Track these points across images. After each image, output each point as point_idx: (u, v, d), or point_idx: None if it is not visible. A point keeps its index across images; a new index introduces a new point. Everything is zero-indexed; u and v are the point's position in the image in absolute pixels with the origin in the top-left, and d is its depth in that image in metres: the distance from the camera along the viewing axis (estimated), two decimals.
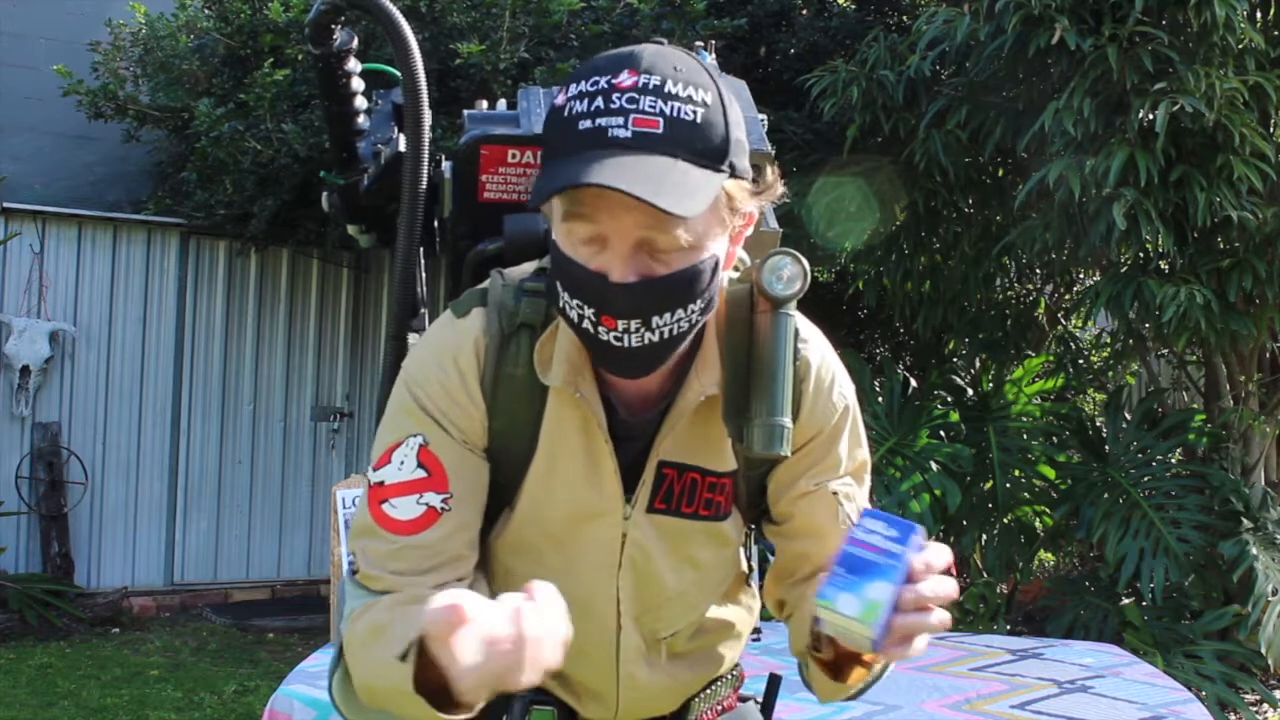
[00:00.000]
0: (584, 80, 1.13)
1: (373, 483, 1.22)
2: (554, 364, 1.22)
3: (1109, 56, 4.23)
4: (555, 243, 1.15)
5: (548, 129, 1.16)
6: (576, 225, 1.12)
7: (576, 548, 1.27)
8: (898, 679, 2.61)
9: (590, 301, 1.13)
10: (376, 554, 1.20)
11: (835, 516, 1.33)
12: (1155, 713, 2.37)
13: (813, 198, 5.47)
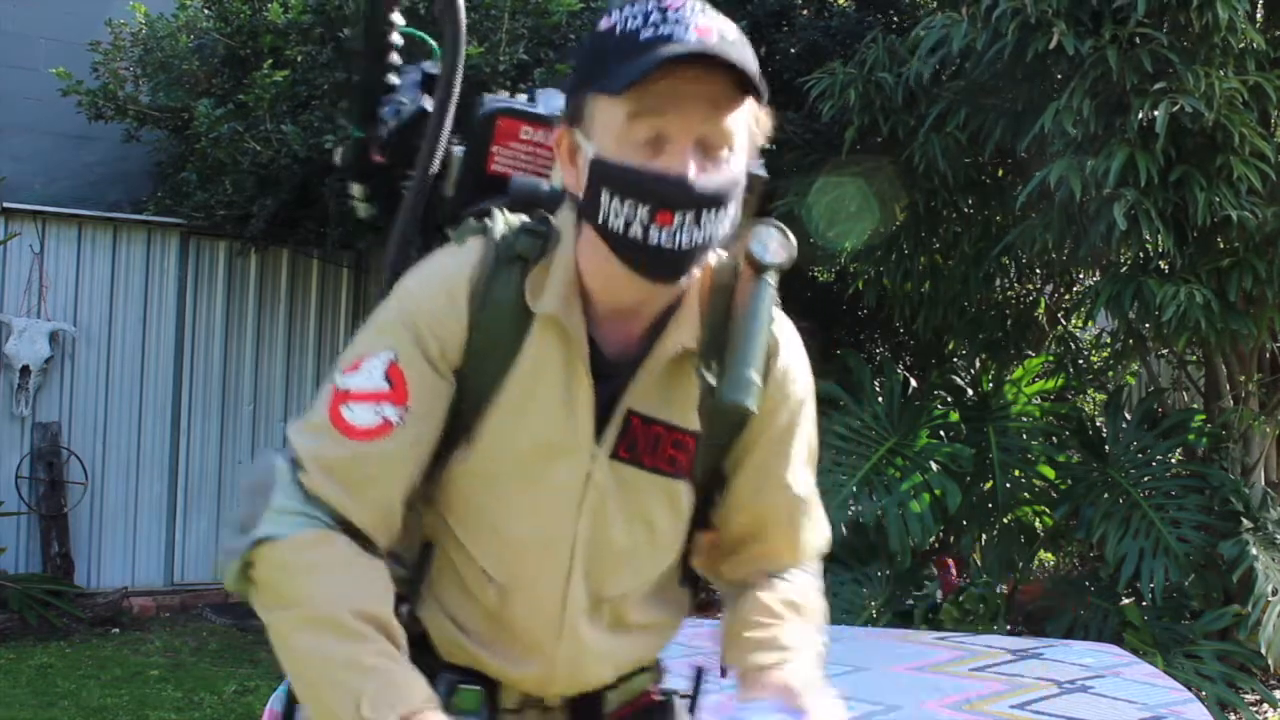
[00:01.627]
0: (632, 6, 1.18)
1: (338, 387, 1.25)
2: (547, 293, 1.25)
3: (1109, 58, 4.24)
4: (600, 159, 1.19)
5: (596, 49, 1.20)
6: (639, 125, 1.17)
7: (541, 483, 1.28)
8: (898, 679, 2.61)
9: (648, 199, 1.17)
10: (326, 460, 1.23)
11: (787, 510, 1.40)
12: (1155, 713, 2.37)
13: (813, 198, 5.47)
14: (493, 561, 1.29)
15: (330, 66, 5.71)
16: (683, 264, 1.22)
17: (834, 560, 5.21)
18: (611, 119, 1.18)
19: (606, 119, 1.19)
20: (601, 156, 1.19)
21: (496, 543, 1.29)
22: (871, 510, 5.31)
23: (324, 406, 1.25)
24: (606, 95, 1.17)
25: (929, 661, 2.80)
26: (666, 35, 1.14)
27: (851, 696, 2.42)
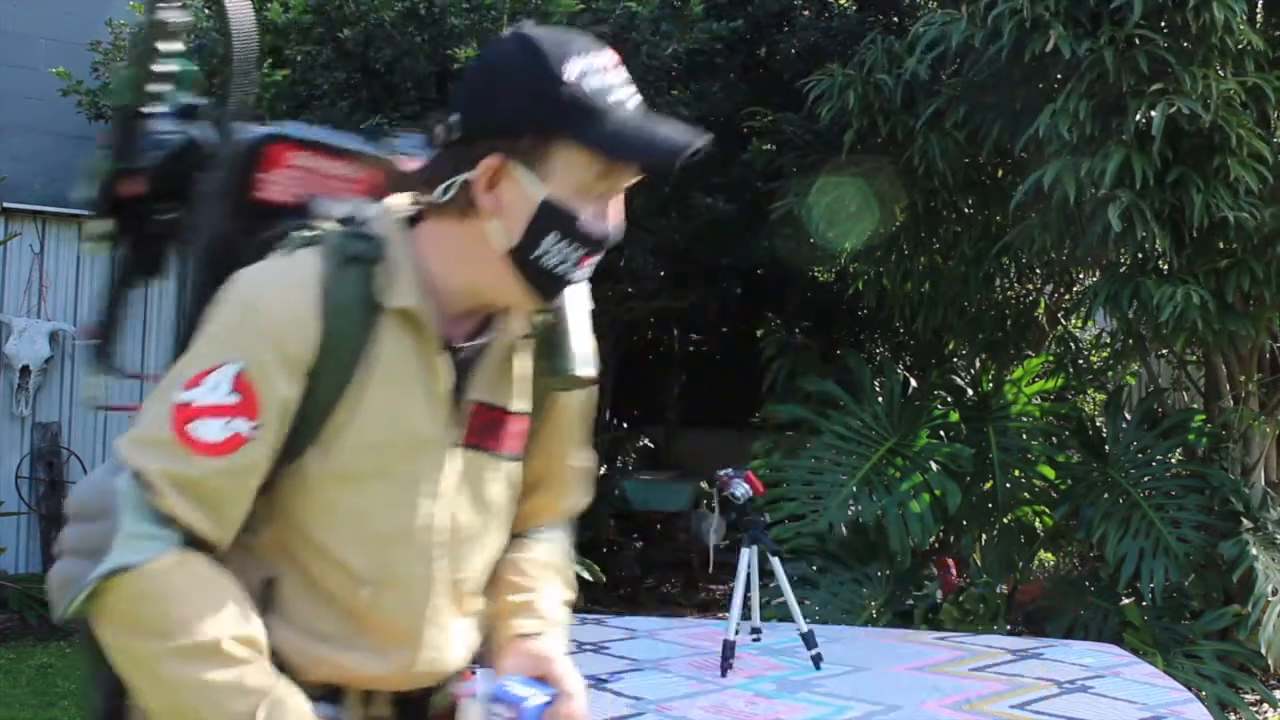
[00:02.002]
0: (568, 56, 1.28)
1: (179, 403, 1.21)
2: (400, 290, 1.28)
3: (1105, 59, 4.24)
4: (554, 204, 1.25)
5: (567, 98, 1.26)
6: (603, 183, 1.28)
7: (405, 476, 1.30)
8: (898, 679, 2.61)
9: (585, 245, 1.27)
10: (177, 478, 1.19)
11: (568, 477, 1.52)
12: (1155, 713, 2.37)
13: (812, 198, 5.48)
14: (363, 560, 1.28)
15: (330, 66, 5.71)
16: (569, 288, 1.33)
17: (834, 560, 5.22)
18: (582, 172, 1.25)
19: (575, 170, 1.25)
20: (555, 202, 1.25)
21: (365, 541, 1.28)
22: (871, 510, 5.31)
23: (166, 423, 1.21)
24: (591, 151, 1.25)
25: (929, 661, 2.80)
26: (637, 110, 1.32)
27: (851, 696, 2.43)
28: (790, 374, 6.31)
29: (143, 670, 1.17)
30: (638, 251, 6.27)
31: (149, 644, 1.16)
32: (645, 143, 1.29)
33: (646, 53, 5.83)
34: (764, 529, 2.83)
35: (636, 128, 1.30)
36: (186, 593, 1.17)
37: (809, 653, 2.70)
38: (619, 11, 5.98)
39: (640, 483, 8.31)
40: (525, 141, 1.25)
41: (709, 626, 3.19)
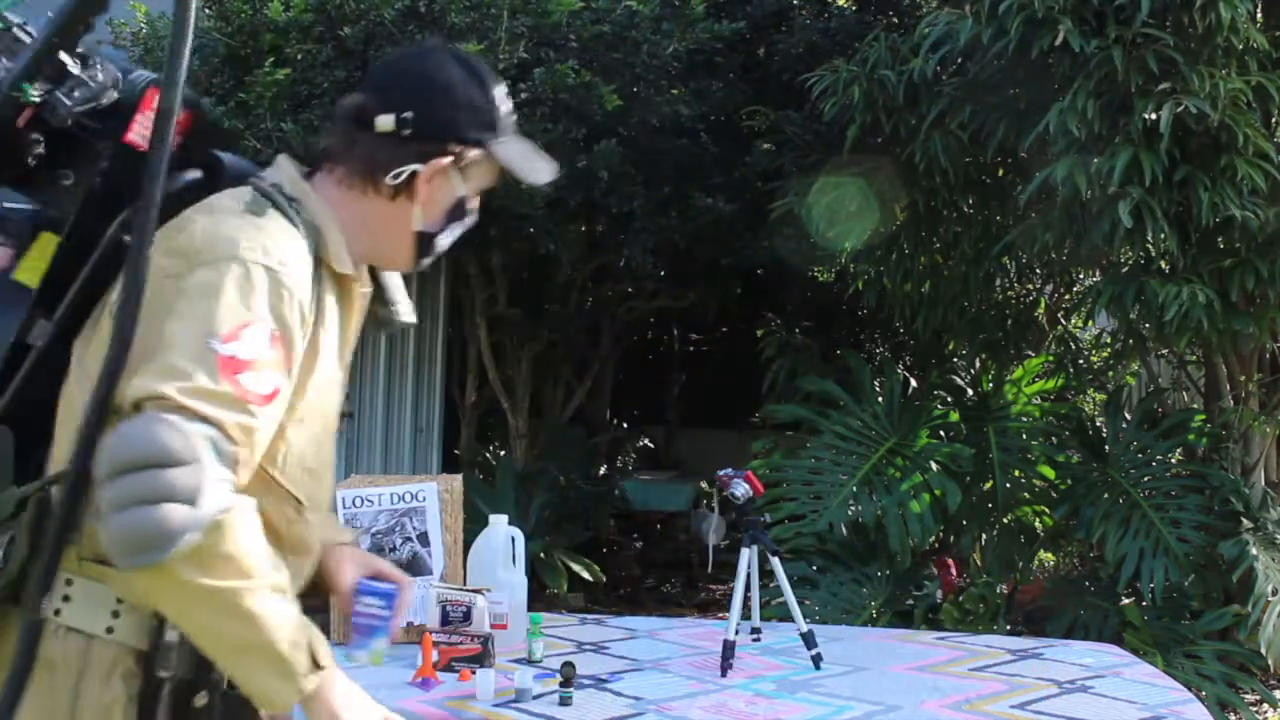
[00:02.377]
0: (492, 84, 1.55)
1: (223, 354, 1.27)
2: (341, 257, 1.47)
3: (1113, 58, 4.24)
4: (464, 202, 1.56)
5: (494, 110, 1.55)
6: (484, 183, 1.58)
7: (329, 413, 1.52)
8: (898, 678, 2.60)
9: (458, 221, 1.58)
10: (246, 428, 1.29)
11: None
12: (1155, 713, 2.37)
13: (813, 198, 5.47)
14: (303, 492, 1.48)
15: (330, 65, 5.71)
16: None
17: (834, 560, 5.22)
18: (484, 177, 1.58)
19: (485, 177, 1.58)
20: (464, 199, 1.57)
21: (304, 474, 1.47)
22: (871, 510, 5.31)
23: (220, 375, 1.27)
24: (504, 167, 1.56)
25: (929, 661, 2.80)
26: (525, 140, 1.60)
27: (851, 696, 2.42)
28: (790, 374, 6.31)
29: (221, 606, 1.26)
30: (638, 251, 6.27)
31: (234, 582, 1.26)
32: (536, 168, 1.58)
33: (647, 51, 5.84)
34: (764, 529, 2.82)
35: (530, 153, 1.59)
36: (256, 536, 1.29)
37: (809, 653, 2.69)
38: (619, 10, 5.98)
39: (640, 483, 8.31)
40: (466, 152, 1.52)
41: (709, 626, 3.18)
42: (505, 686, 2.38)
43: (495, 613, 2.70)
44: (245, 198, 1.41)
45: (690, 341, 10.35)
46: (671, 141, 6.19)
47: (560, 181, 5.53)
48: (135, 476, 1.20)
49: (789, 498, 5.38)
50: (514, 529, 2.87)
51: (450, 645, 2.52)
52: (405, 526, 2.80)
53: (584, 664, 2.58)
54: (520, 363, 7.52)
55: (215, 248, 1.33)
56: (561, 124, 5.64)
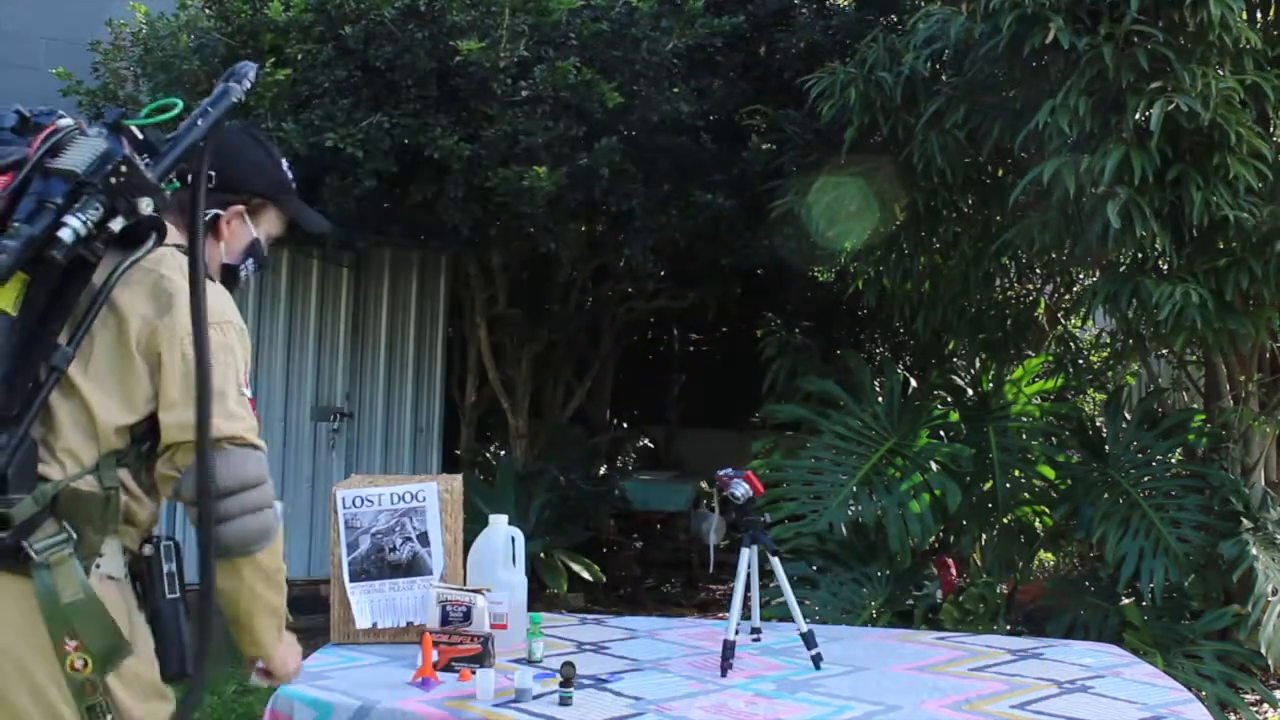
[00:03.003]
0: (278, 155, 2.12)
1: (249, 398, 1.85)
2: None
3: (1104, 55, 4.23)
4: (257, 242, 2.08)
5: (281, 181, 2.11)
6: (273, 229, 2.12)
7: None
8: (898, 678, 2.60)
9: (258, 264, 2.09)
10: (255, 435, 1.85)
11: None
12: (1155, 713, 2.37)
13: (812, 197, 5.48)
14: None
15: (331, 64, 5.71)
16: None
17: (834, 560, 5.22)
18: (275, 225, 2.12)
19: (274, 224, 2.11)
20: (258, 240, 2.08)
21: None
22: (871, 510, 5.31)
23: (250, 412, 1.85)
24: (290, 218, 2.13)
25: (929, 661, 2.80)
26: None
27: (851, 696, 2.42)
28: (790, 374, 6.31)
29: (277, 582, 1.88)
30: (638, 250, 6.27)
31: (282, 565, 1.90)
32: (313, 219, 2.18)
33: (647, 48, 5.84)
34: (764, 529, 2.82)
35: (305, 207, 2.16)
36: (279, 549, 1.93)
37: (809, 653, 2.69)
38: (619, 8, 5.98)
39: (640, 483, 8.32)
40: (255, 201, 2.06)
41: (709, 626, 3.18)
42: (505, 686, 2.38)
43: (495, 613, 2.70)
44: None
45: (690, 341, 10.35)
46: (671, 139, 6.19)
47: (560, 180, 5.58)
48: (243, 495, 1.78)
49: (789, 498, 5.39)
50: (514, 529, 2.87)
51: (450, 645, 2.52)
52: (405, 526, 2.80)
53: (584, 664, 2.58)
54: (520, 363, 7.52)
55: (213, 311, 1.79)
56: (562, 122, 5.64)
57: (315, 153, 5.60)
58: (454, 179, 5.73)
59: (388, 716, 2.26)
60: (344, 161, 5.63)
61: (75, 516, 1.72)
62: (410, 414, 7.42)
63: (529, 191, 5.57)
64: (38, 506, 1.69)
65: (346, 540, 2.77)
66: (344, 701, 2.30)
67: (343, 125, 5.56)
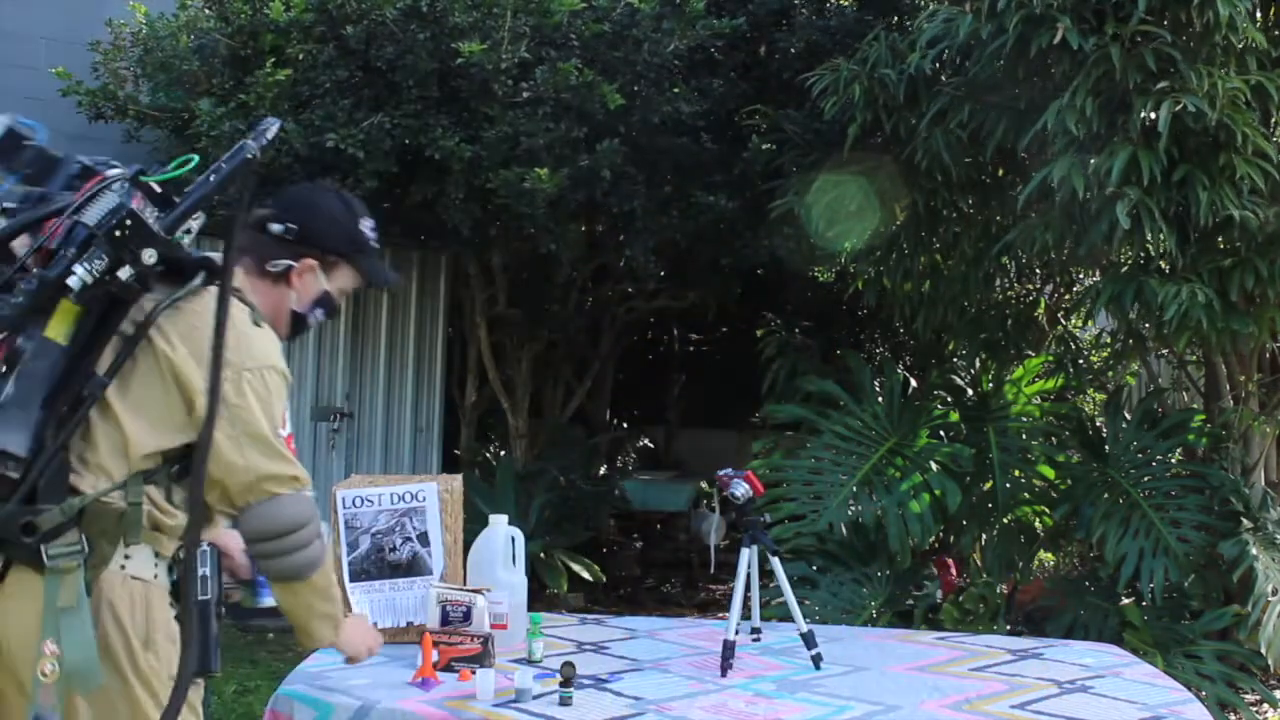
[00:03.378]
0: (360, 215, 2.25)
1: (286, 436, 2.05)
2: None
3: (1111, 56, 4.23)
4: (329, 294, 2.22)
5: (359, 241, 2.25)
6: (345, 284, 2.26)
7: None
8: (897, 679, 2.60)
9: (328, 315, 2.26)
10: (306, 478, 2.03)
11: None
12: (1155, 713, 2.37)
13: (813, 197, 5.47)
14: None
15: (332, 64, 5.71)
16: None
17: (834, 560, 5.22)
18: (348, 281, 2.25)
19: (345, 279, 2.25)
20: (329, 292, 2.23)
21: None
22: (871, 510, 5.31)
23: (290, 454, 2.02)
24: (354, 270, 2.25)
25: (929, 661, 2.80)
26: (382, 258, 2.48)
27: (851, 696, 2.42)
28: (790, 374, 6.31)
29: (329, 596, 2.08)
30: (638, 251, 6.27)
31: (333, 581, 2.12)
32: (384, 277, 2.35)
33: (648, 50, 5.84)
34: (764, 529, 2.82)
35: (379, 265, 2.33)
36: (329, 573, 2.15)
37: (809, 653, 2.69)
38: (620, 9, 5.98)
39: (640, 483, 8.32)
40: (329, 258, 2.20)
41: (709, 626, 3.18)
42: (505, 686, 2.38)
43: (495, 613, 2.70)
44: (245, 311, 2.03)
45: (690, 341, 10.35)
46: (672, 140, 6.19)
47: (562, 182, 5.58)
48: (295, 535, 1.98)
49: (789, 498, 5.38)
50: (514, 529, 2.87)
51: (450, 645, 2.52)
52: (405, 526, 2.80)
53: (584, 664, 2.58)
54: (520, 363, 7.52)
55: (255, 356, 2.00)
56: (563, 123, 5.64)
57: (316, 153, 5.60)
58: (454, 180, 5.73)
59: (388, 716, 2.26)
60: (345, 162, 5.63)
61: (92, 529, 1.89)
62: (410, 414, 7.42)
63: (530, 193, 5.57)
64: (63, 517, 1.87)
65: (346, 540, 2.77)
66: (344, 701, 2.31)
67: (344, 125, 5.56)
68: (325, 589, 2.08)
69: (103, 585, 1.91)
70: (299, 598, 2.05)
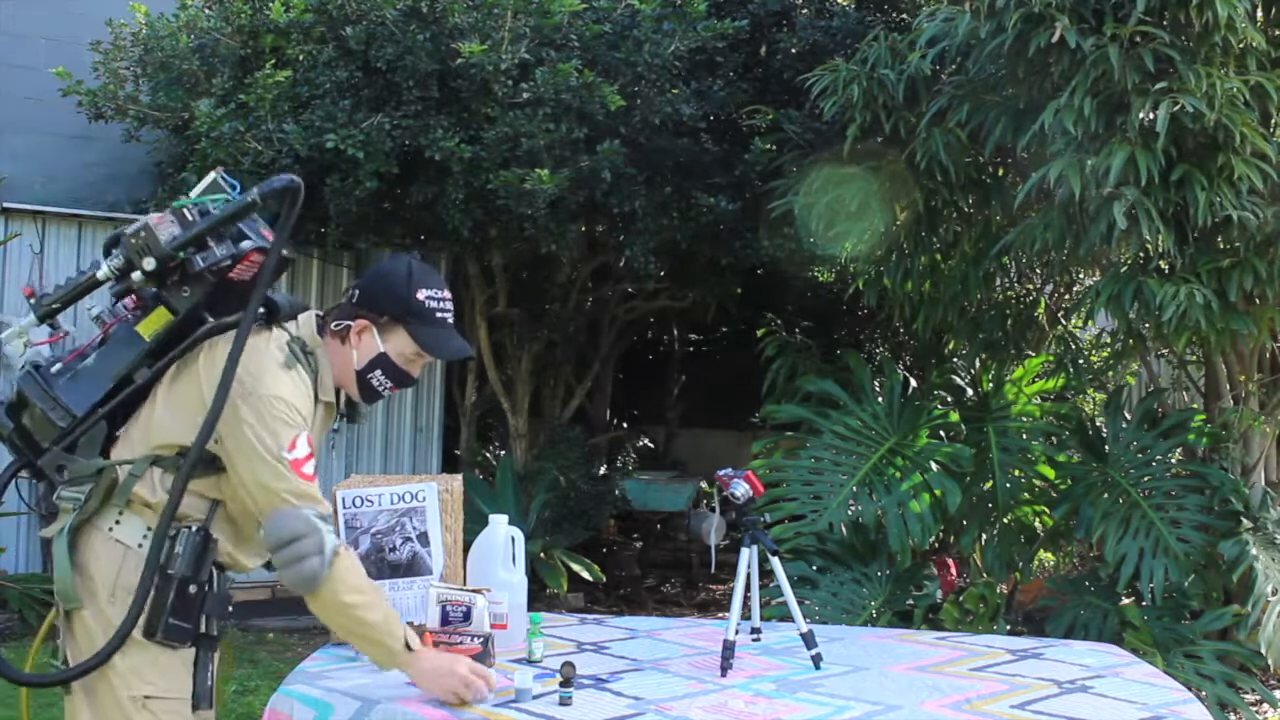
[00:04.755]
0: (434, 288, 2.38)
1: (291, 460, 2.19)
2: (325, 388, 2.37)
3: (1110, 56, 4.23)
4: (386, 356, 2.37)
5: (415, 308, 2.36)
6: (416, 356, 2.40)
7: None
8: (897, 679, 2.60)
9: (393, 381, 2.40)
10: (315, 499, 2.21)
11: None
12: (1155, 713, 2.37)
13: (813, 197, 5.47)
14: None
15: (332, 65, 5.71)
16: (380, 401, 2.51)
17: (834, 560, 5.22)
18: (405, 345, 2.37)
19: (401, 344, 2.37)
20: (387, 354, 2.37)
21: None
22: (871, 510, 5.31)
23: (296, 476, 2.19)
24: (409, 336, 2.36)
25: (929, 661, 2.80)
26: (452, 331, 2.42)
27: (851, 696, 2.42)
28: (790, 374, 6.31)
29: (345, 611, 2.21)
30: (639, 251, 6.27)
31: (362, 597, 2.22)
32: (441, 347, 2.40)
33: (649, 50, 5.84)
34: (764, 529, 2.82)
35: (442, 336, 2.39)
36: (358, 567, 2.27)
37: (809, 653, 2.69)
38: (621, 10, 5.98)
39: (640, 483, 8.32)
40: (383, 320, 2.34)
41: (709, 626, 3.18)
42: (505, 686, 2.38)
43: (495, 613, 2.70)
44: (282, 354, 2.27)
45: (690, 341, 10.35)
46: (672, 141, 6.19)
47: (562, 183, 5.58)
48: (288, 549, 2.16)
49: (789, 498, 5.39)
50: (514, 529, 2.87)
51: (450, 645, 2.52)
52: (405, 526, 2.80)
53: (584, 664, 2.58)
54: (520, 363, 7.52)
55: (263, 385, 2.21)
56: (564, 124, 5.64)
57: (316, 154, 5.60)
58: (455, 180, 5.74)
59: (388, 716, 2.26)
60: (345, 162, 5.63)
61: (96, 487, 2.25)
62: (410, 414, 7.42)
63: (531, 194, 5.57)
64: (87, 471, 2.26)
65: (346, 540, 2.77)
66: (344, 701, 2.31)
67: (344, 126, 5.56)
68: (341, 609, 2.21)
69: (91, 539, 2.25)
70: (324, 613, 2.24)
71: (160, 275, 2.25)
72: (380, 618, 2.24)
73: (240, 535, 2.37)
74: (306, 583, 2.17)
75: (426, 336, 2.36)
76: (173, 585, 2.23)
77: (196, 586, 2.26)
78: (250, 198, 2.25)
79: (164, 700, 2.27)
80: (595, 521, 7.47)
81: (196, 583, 2.26)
